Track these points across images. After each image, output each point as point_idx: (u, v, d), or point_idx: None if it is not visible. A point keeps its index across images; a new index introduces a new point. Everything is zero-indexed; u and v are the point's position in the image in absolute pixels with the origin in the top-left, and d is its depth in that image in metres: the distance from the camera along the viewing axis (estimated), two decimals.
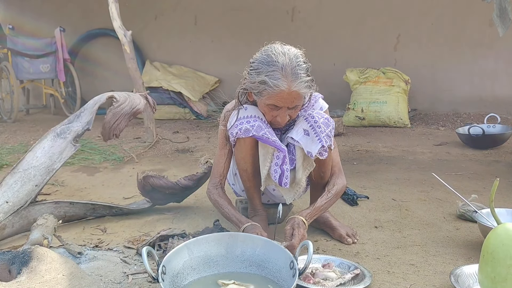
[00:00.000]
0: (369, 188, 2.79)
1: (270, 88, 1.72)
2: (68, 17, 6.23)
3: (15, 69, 5.44)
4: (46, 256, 1.51)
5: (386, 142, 4.09)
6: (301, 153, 1.89)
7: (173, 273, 1.51)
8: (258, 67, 1.76)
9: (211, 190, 2.01)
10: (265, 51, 1.79)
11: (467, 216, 2.23)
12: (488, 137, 3.73)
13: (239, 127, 1.84)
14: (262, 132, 1.83)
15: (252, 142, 1.89)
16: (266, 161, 1.90)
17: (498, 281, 1.38)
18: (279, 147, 1.84)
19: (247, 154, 1.92)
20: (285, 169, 1.87)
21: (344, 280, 1.64)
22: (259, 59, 1.78)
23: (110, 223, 2.27)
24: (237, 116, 1.88)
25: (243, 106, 1.89)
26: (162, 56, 6.05)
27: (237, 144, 1.91)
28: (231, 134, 1.90)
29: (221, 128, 2.00)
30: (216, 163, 2.03)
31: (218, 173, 2.02)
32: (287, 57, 1.73)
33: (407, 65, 5.16)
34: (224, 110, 2.03)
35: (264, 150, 1.89)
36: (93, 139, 4.15)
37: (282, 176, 1.87)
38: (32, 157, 2.07)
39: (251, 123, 1.84)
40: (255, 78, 1.76)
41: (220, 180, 2.02)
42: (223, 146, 2.00)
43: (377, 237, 2.08)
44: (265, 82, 1.72)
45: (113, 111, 2.21)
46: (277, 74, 1.71)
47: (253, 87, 1.78)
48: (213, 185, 2.02)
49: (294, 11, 5.65)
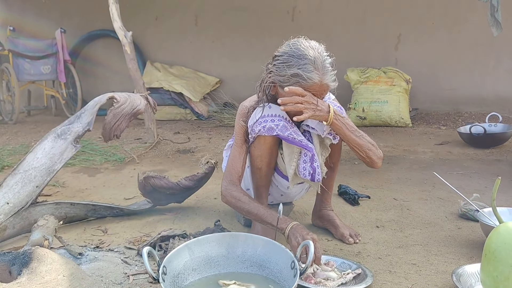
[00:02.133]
0: (371, 187, 2.78)
1: (304, 80, 1.73)
2: (69, 18, 6.24)
3: (16, 70, 5.44)
4: (46, 257, 1.51)
5: (388, 141, 4.09)
6: (317, 140, 1.92)
7: (174, 274, 1.51)
8: (288, 60, 1.77)
9: (228, 187, 1.88)
10: (293, 44, 1.80)
11: (469, 215, 2.23)
12: (489, 136, 3.72)
13: (263, 124, 1.83)
14: (287, 132, 1.83)
15: (272, 142, 1.87)
16: (292, 161, 1.90)
17: (501, 280, 1.37)
18: (306, 146, 1.85)
19: (265, 153, 1.90)
20: (316, 166, 1.88)
21: (345, 279, 1.63)
22: (288, 52, 1.78)
23: (111, 223, 2.27)
24: (262, 113, 1.86)
25: (267, 104, 1.87)
26: (162, 56, 6.05)
27: (256, 141, 1.89)
28: (252, 131, 1.87)
29: (241, 124, 1.94)
30: (232, 159, 1.93)
31: (236, 169, 1.91)
32: (316, 51, 1.77)
33: (408, 64, 5.15)
34: (240, 106, 1.99)
35: (289, 150, 1.89)
36: (94, 140, 4.15)
37: (314, 173, 1.89)
38: (32, 158, 2.07)
39: (275, 122, 1.83)
40: (286, 71, 1.76)
41: (239, 177, 1.91)
42: (242, 143, 1.94)
43: (379, 236, 2.07)
44: (297, 75, 1.74)
45: (113, 111, 2.21)
46: (310, 67, 1.74)
47: (283, 80, 1.78)
48: (230, 182, 1.89)
49: (294, 11, 5.65)
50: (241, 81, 5.06)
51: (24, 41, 5.57)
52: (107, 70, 6.17)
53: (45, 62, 5.60)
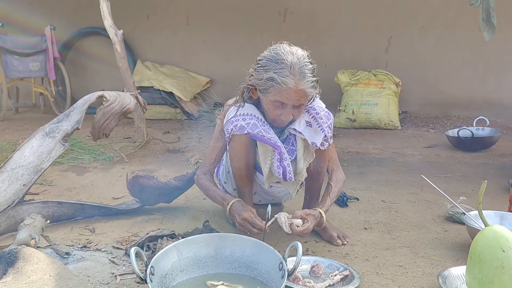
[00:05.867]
0: (359, 189, 2.80)
1: (278, 85, 1.74)
2: (59, 15, 6.18)
3: (4, 67, 5.38)
4: (32, 256, 1.50)
5: (377, 144, 4.11)
6: (301, 144, 1.92)
7: (161, 274, 1.51)
8: (266, 64, 1.79)
9: (199, 176, 2.06)
10: (273, 49, 1.82)
11: (455, 218, 2.25)
12: (477, 139, 3.76)
13: (235, 123, 1.86)
14: (257, 130, 1.83)
15: (247, 140, 1.89)
16: (266, 159, 1.91)
17: (485, 283, 1.39)
18: (273, 144, 1.85)
19: (241, 152, 1.92)
20: (286, 164, 1.88)
21: (333, 281, 1.64)
22: (267, 56, 1.81)
23: (98, 223, 2.25)
24: (236, 112, 1.89)
25: (241, 104, 1.90)
26: (153, 55, 6.02)
27: (232, 141, 1.91)
28: (226, 130, 1.90)
29: (218, 122, 2.05)
30: (208, 153, 2.08)
31: (209, 162, 2.07)
32: (295, 56, 1.77)
33: (398, 67, 5.19)
34: (225, 104, 2.06)
35: (264, 148, 1.90)
36: (83, 138, 4.12)
37: (285, 172, 1.89)
38: (20, 156, 2.05)
39: (246, 120, 1.85)
40: (263, 75, 1.78)
41: (209, 169, 2.06)
42: (218, 139, 2.04)
43: (367, 238, 2.08)
44: (272, 78, 1.75)
45: (103, 110, 2.19)
46: (285, 72, 1.74)
47: (260, 84, 1.81)
48: (202, 171, 2.06)
49: (286, 12, 5.66)
50: (232, 82, 5.02)
51: (13, 37, 5.50)
52: (97, 68, 6.12)
53: (34, 59, 5.53)
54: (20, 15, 6.12)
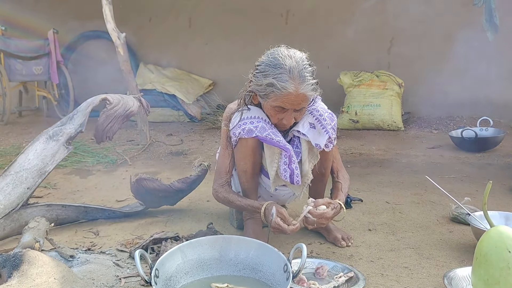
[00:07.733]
0: (363, 191, 2.79)
1: (278, 90, 1.73)
2: (62, 18, 6.19)
3: (8, 70, 5.39)
4: (37, 259, 1.50)
5: (380, 145, 4.11)
6: (306, 146, 1.92)
7: (166, 277, 1.50)
8: (265, 70, 1.77)
9: (217, 190, 1.99)
10: (271, 54, 1.80)
11: (460, 218, 2.24)
12: (481, 140, 3.75)
13: (242, 127, 1.84)
14: (266, 133, 1.83)
15: (254, 143, 1.88)
16: (273, 162, 1.90)
17: (491, 284, 1.38)
18: (283, 147, 1.84)
19: (248, 155, 1.91)
20: (294, 167, 1.88)
21: (337, 283, 1.64)
22: (265, 62, 1.79)
23: (102, 226, 2.26)
24: (240, 117, 1.88)
25: (246, 107, 1.89)
26: (156, 58, 6.03)
27: (239, 144, 1.90)
28: (233, 134, 1.89)
29: (223, 128, 2.00)
30: (220, 163, 2.02)
31: (223, 172, 2.00)
32: (293, 60, 1.75)
33: (400, 68, 5.18)
34: (226, 108, 2.03)
35: (270, 151, 1.89)
36: (86, 141, 4.13)
37: (292, 174, 1.88)
38: (24, 160, 2.06)
39: (254, 123, 1.84)
40: (262, 81, 1.77)
41: (227, 179, 2.01)
42: (227, 146, 1.99)
43: (371, 240, 2.08)
44: (272, 84, 1.73)
45: (106, 113, 2.20)
46: (285, 77, 1.72)
47: (260, 90, 1.80)
48: (219, 184, 2.00)
49: (288, 14, 5.66)
50: (235, 84, 5.01)
51: (16, 41, 5.52)
52: (100, 72, 6.13)
53: (37, 62, 5.55)
54: (23, 19, 6.15)
